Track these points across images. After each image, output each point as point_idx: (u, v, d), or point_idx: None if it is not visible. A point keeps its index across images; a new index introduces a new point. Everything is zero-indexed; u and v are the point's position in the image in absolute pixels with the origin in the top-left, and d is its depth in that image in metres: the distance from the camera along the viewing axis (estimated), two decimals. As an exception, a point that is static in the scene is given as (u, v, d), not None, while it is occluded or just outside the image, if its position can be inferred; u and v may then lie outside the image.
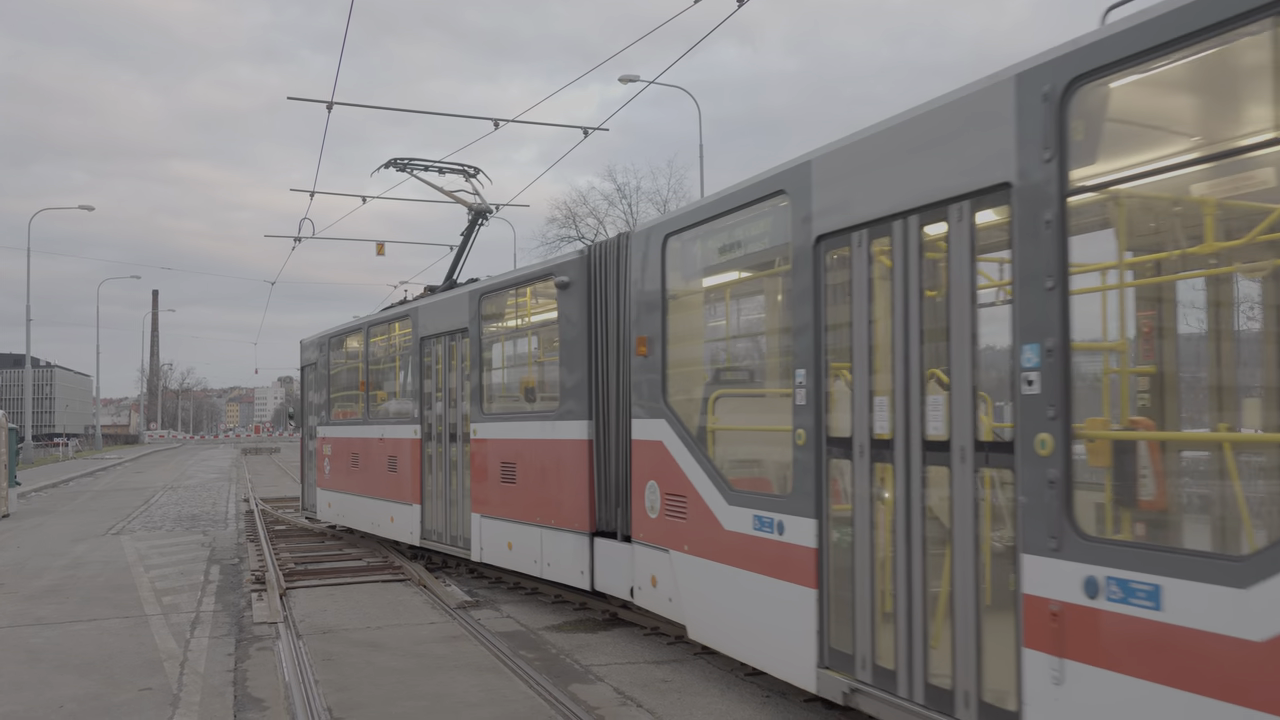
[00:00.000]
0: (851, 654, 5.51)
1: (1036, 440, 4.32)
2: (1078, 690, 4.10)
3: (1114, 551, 4.00)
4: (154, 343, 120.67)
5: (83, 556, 13.98)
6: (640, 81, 23.62)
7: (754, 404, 7.10)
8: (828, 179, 5.80)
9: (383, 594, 10.82)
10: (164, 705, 6.70)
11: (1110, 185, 4.43)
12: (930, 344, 5.05)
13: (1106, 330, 4.76)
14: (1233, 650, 3.51)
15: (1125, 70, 4.05)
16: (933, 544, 5.01)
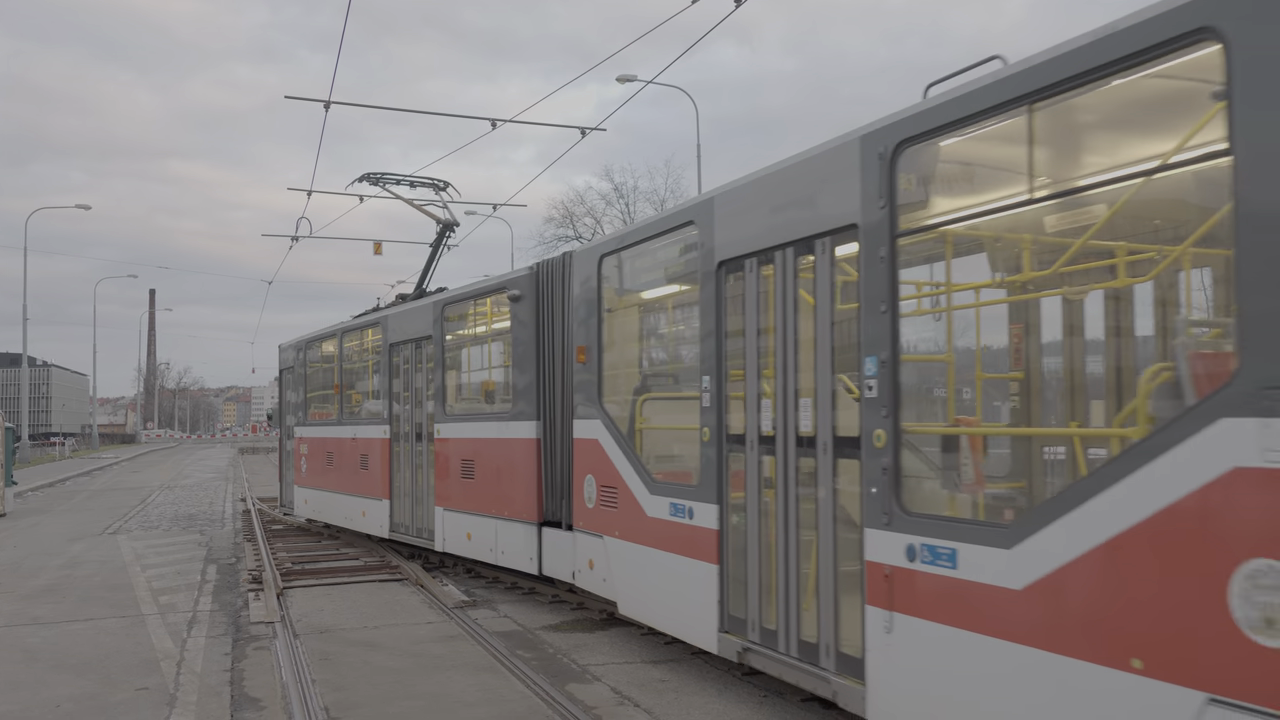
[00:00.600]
0: (744, 619, 6.43)
1: (874, 435, 5.22)
2: (901, 637, 5.03)
3: (926, 523, 4.91)
4: (151, 342, 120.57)
5: (79, 556, 14.01)
6: (638, 81, 23.73)
7: (674, 406, 7.92)
8: (727, 213, 6.70)
9: (380, 593, 10.85)
10: (161, 705, 6.72)
11: (929, 228, 5.35)
12: (803, 354, 5.94)
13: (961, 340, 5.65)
14: (1002, 597, 4.42)
15: (939, 136, 4.98)
16: (804, 523, 5.90)
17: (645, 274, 8.25)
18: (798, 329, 5.99)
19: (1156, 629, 3.79)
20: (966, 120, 4.78)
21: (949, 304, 5.72)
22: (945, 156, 5.25)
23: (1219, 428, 3.59)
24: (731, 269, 6.63)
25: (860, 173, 5.35)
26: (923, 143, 5.07)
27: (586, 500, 8.60)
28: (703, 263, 6.89)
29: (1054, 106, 4.42)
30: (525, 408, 9.86)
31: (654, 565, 7.43)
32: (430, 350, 12.03)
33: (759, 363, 6.35)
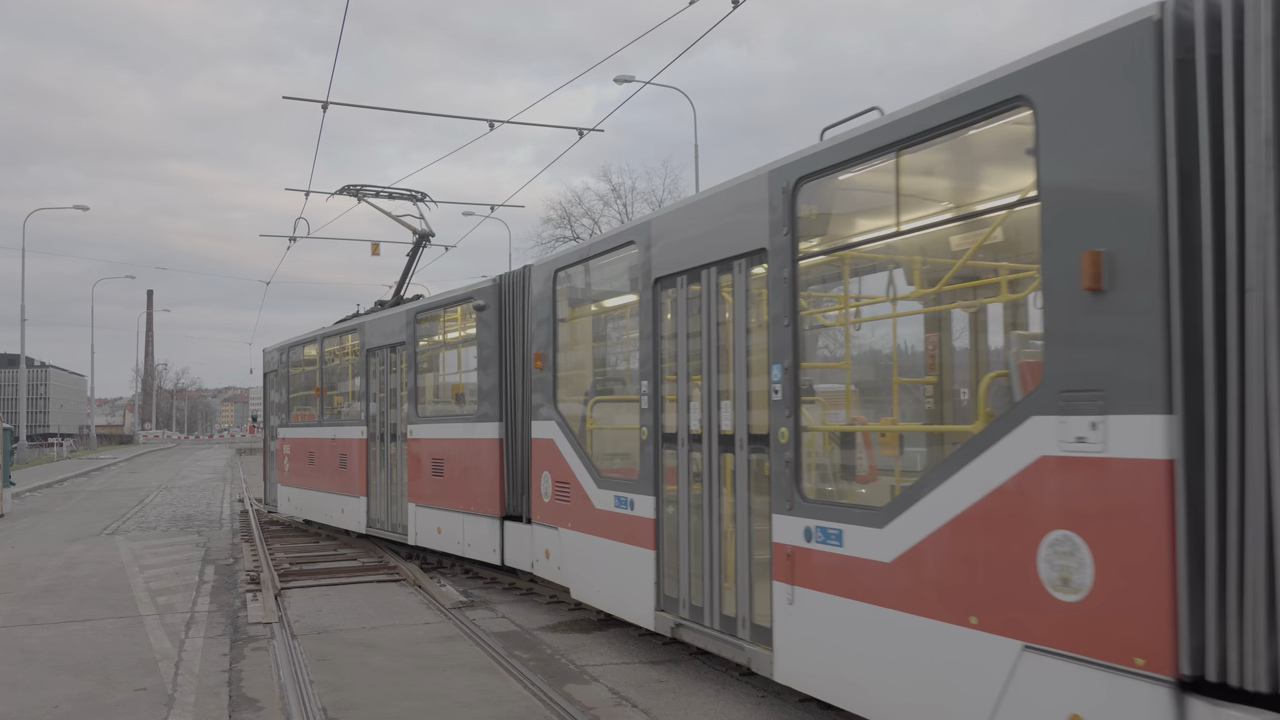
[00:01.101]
0: (677, 598, 7.22)
1: (779, 433, 5.99)
2: (801, 607, 5.82)
3: (820, 508, 5.69)
4: (149, 342, 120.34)
5: (77, 557, 14.07)
6: (636, 82, 23.83)
7: (619, 408, 8.72)
8: (662, 235, 7.48)
9: (378, 594, 10.92)
10: (159, 705, 6.75)
11: (823, 252, 6.19)
12: (723, 362, 6.72)
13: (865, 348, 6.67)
14: (875, 569, 5.23)
15: (831, 173, 5.76)
16: (726, 511, 6.68)
17: (594, 287, 9.10)
18: (719, 339, 6.77)
19: (987, 591, 4.58)
20: (851, 161, 5.59)
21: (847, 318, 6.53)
22: (836, 191, 6.05)
23: (1030, 424, 4.38)
24: (665, 285, 7.42)
25: (768, 203, 6.14)
26: (818, 179, 5.87)
27: (543, 495, 9.37)
28: (641, 279, 7.67)
29: (916, 153, 5.21)
30: (489, 410, 10.65)
31: (601, 553, 8.23)
32: (404, 355, 12.80)
33: (689, 369, 7.14)
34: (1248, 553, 3.60)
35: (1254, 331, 3.60)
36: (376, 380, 13.70)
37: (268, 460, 19.57)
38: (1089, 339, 4.15)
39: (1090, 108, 4.17)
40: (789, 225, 5.94)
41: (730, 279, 6.62)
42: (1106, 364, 4.08)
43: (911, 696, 5.00)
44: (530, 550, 9.75)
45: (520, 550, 10.06)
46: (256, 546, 14.46)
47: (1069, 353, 4.24)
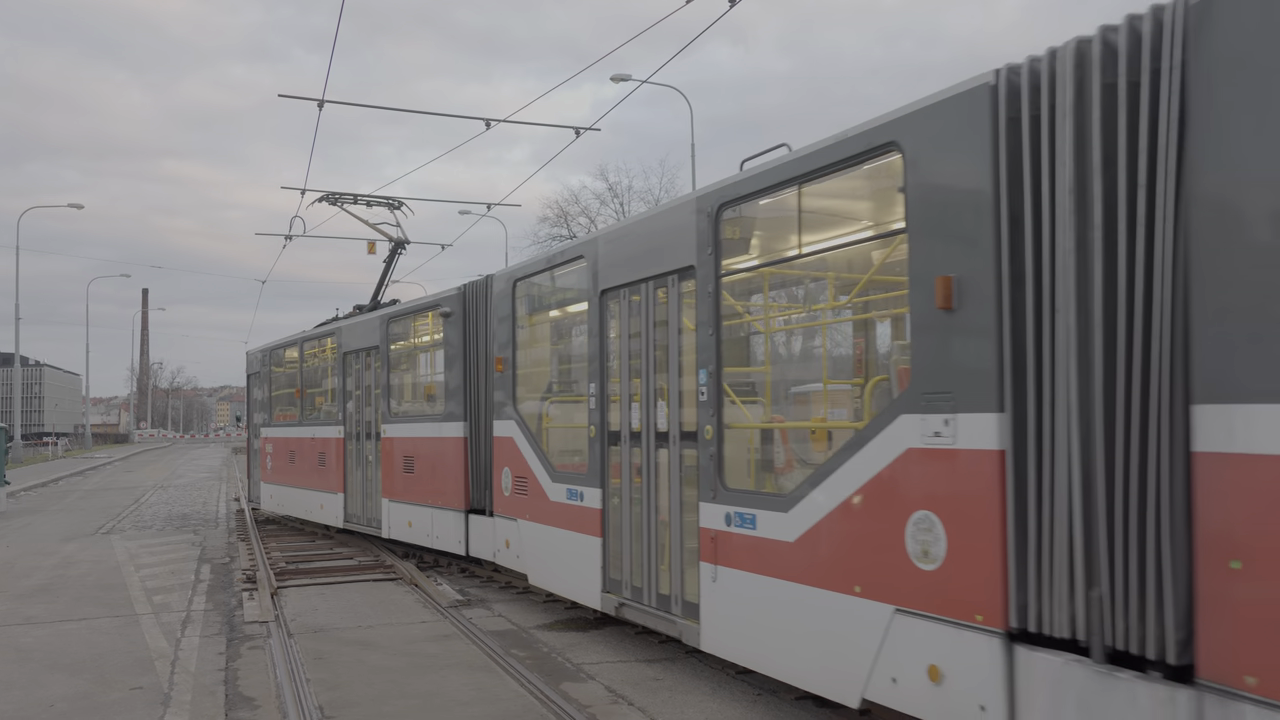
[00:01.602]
0: (620, 580, 8.00)
1: (705, 430, 6.79)
2: (722, 584, 6.61)
3: (738, 496, 6.49)
4: (144, 341, 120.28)
5: (72, 556, 14.06)
6: (633, 81, 24.00)
7: (571, 408, 9.46)
8: (608, 251, 8.26)
9: (374, 593, 10.95)
10: (155, 704, 6.75)
11: (742, 270, 6.98)
12: (659, 366, 7.50)
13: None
14: (782, 548, 6.02)
15: (747, 201, 6.56)
16: (661, 501, 7.46)
17: (549, 297, 9.86)
18: (656, 346, 7.56)
19: (867, 564, 5.38)
20: (763, 191, 6.38)
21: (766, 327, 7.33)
22: (752, 216, 6.83)
23: (900, 421, 5.18)
24: (610, 296, 8.20)
25: (695, 226, 6.93)
26: (737, 205, 6.67)
27: (504, 489, 10.14)
28: (590, 290, 8.45)
29: (813, 186, 6.01)
30: (455, 410, 11.41)
31: (555, 541, 9.00)
32: (377, 359, 13.57)
33: (630, 372, 7.91)
34: (1056, 528, 4.40)
35: (1060, 345, 4.40)
36: (352, 381, 14.45)
37: (251, 458, 20.26)
38: (943, 350, 4.95)
39: (943, 155, 4.97)
40: (713, 245, 6.75)
41: (665, 292, 7.41)
42: (956, 371, 4.88)
43: (810, 656, 5.80)
44: (492, 541, 10.52)
45: (483, 541, 10.83)
46: (252, 545, 14.56)
47: (929, 361, 5.04)
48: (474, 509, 11.18)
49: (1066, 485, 4.35)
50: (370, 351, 13.83)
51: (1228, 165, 3.75)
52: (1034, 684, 4.48)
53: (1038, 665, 4.46)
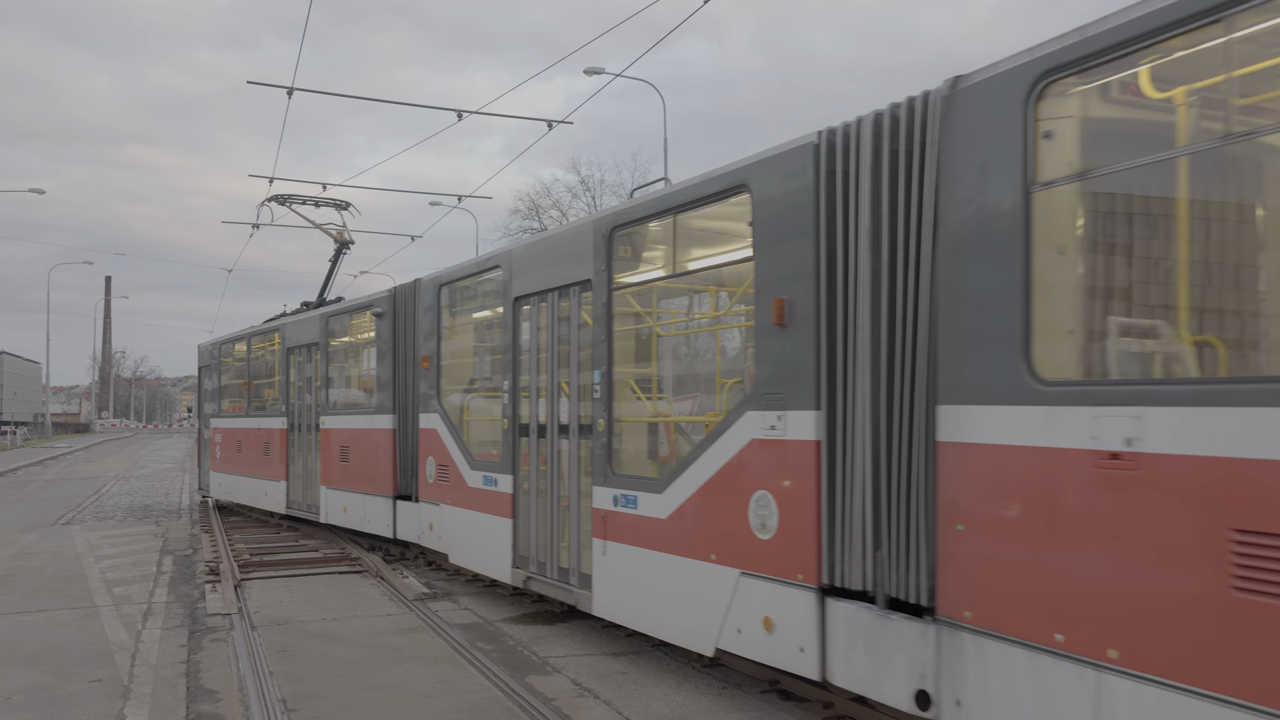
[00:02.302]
0: (528, 556, 9.02)
1: (598, 423, 7.81)
2: (610, 557, 7.65)
3: (623, 480, 7.54)
4: (107, 330, 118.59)
5: (31, 547, 13.87)
6: (606, 74, 24.36)
7: (488, 403, 10.39)
8: (521, 262, 9.26)
9: (339, 585, 10.90)
10: (114, 697, 6.68)
11: (631, 285, 7.98)
12: (562, 366, 8.51)
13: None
14: (657, 524, 7.08)
15: (635, 225, 7.60)
16: (561, 485, 8.45)
17: (471, 301, 10.84)
18: (559, 348, 8.57)
19: (721, 535, 6.45)
20: (647, 218, 7.45)
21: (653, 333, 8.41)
22: (639, 238, 7.89)
23: (747, 416, 6.26)
24: (522, 303, 9.19)
25: (593, 245, 7.96)
26: (626, 228, 7.72)
27: (429, 477, 11.10)
28: (505, 297, 9.43)
29: (685, 216, 7.10)
30: (385, 403, 12.33)
31: (473, 523, 9.98)
32: (317, 354, 14.46)
33: (538, 370, 8.90)
34: (854, 503, 5.50)
35: (859, 356, 5.49)
36: (296, 375, 15.32)
37: (201, 448, 21.00)
38: (778, 358, 6.04)
39: (780, 198, 6.06)
40: (606, 262, 7.78)
41: (568, 301, 8.43)
42: (787, 375, 5.97)
43: (678, 615, 6.88)
44: (418, 524, 11.48)
45: (410, 525, 11.78)
46: (216, 537, 14.57)
47: (768, 367, 6.13)
48: (402, 495, 12.10)
49: (861, 469, 5.45)
50: (311, 347, 14.71)
51: (956, 218, 4.87)
52: (837, 627, 5.59)
53: (840, 612, 5.57)
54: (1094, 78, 4.35)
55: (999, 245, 4.60)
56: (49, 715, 6.33)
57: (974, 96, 4.80)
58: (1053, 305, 4.50)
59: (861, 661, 5.42)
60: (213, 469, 19.55)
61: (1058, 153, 4.44)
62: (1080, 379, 4.44)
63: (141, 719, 6.29)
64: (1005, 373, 4.53)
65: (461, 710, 6.41)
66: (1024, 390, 4.43)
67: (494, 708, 6.45)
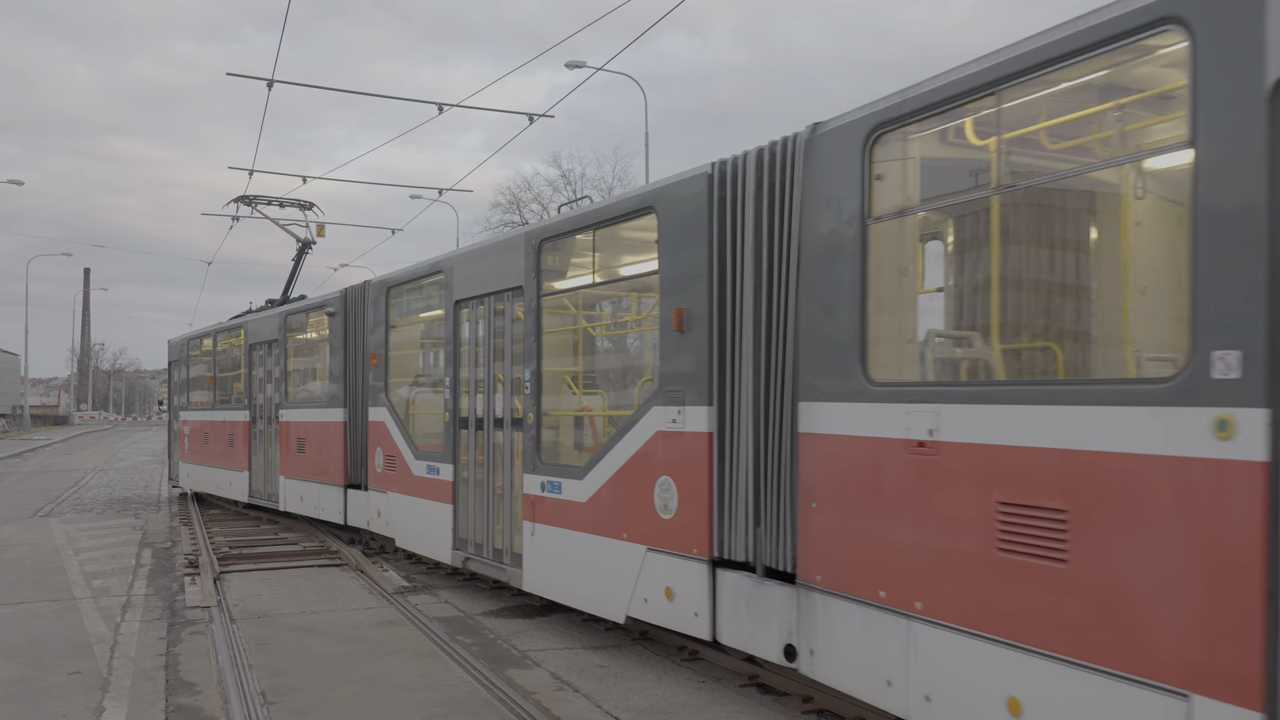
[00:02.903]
0: (467, 539, 9.83)
1: (529, 417, 8.63)
2: (538, 537, 8.46)
3: (550, 468, 8.36)
4: (85, 322, 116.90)
5: (9, 539, 13.84)
6: (588, 68, 24.33)
7: (432, 397, 11.19)
8: (461, 268, 10.05)
9: (319, 579, 10.89)
10: (93, 689, 6.69)
11: (557, 291, 8.80)
12: (497, 364, 9.31)
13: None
14: (578, 506, 7.90)
15: (562, 237, 8.43)
16: (496, 473, 9.24)
17: (416, 303, 11.61)
18: (495, 347, 9.37)
19: (631, 516, 7.31)
20: (570, 232, 8.27)
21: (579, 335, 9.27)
22: (565, 249, 8.72)
23: (653, 411, 7.11)
24: (462, 305, 9.99)
25: (524, 255, 8.77)
26: (553, 240, 8.54)
27: (377, 467, 11.89)
28: (446, 300, 10.23)
29: (603, 231, 7.93)
30: (337, 398, 13.08)
31: (417, 509, 10.78)
32: (277, 351, 15.20)
33: (477, 367, 9.69)
34: (738, 486, 6.35)
35: (744, 359, 6.35)
36: (258, 371, 16.09)
37: (172, 440, 21.68)
38: (679, 360, 6.89)
39: (681, 220, 6.90)
40: (535, 271, 8.60)
41: (502, 305, 9.23)
42: (686, 375, 6.82)
43: (596, 588, 7.72)
44: (367, 511, 12.26)
45: (359, 512, 12.55)
46: (195, 530, 14.60)
47: (670, 368, 6.98)
48: (352, 484, 12.87)
49: (744, 457, 6.31)
50: (272, 344, 15.46)
51: (812, 244, 5.74)
52: (724, 594, 6.46)
53: (727, 582, 6.44)
54: (911, 131, 5.23)
55: (843, 268, 5.48)
56: (28, 707, 6.35)
57: (826, 142, 5.67)
58: (882, 319, 5.38)
59: (744, 623, 6.29)
60: (182, 460, 20.25)
61: (887, 191, 5.32)
62: (899, 381, 5.32)
63: (120, 711, 6.30)
64: (847, 375, 5.41)
65: (441, 703, 6.41)
66: (860, 390, 5.32)
67: (473, 701, 6.46)
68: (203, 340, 19.49)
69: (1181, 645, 3.64)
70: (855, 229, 5.40)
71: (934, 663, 4.79)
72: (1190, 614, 3.61)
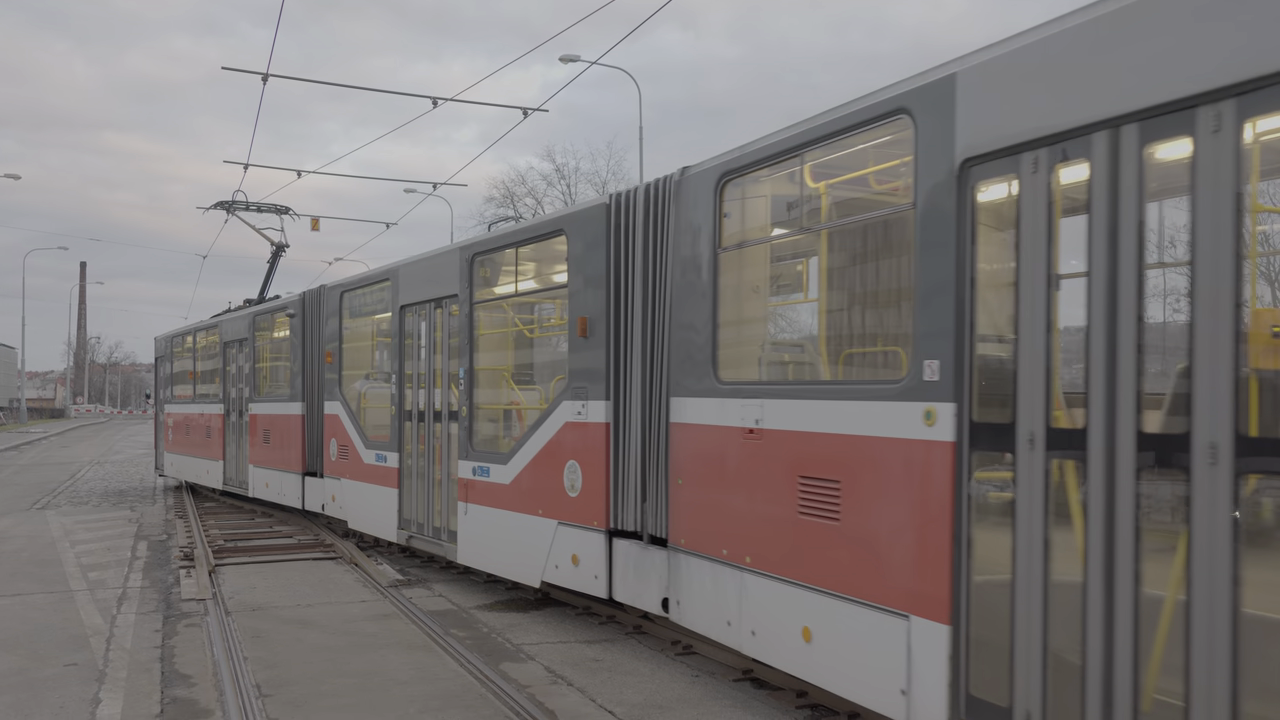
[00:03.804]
0: (410, 519, 11.02)
1: (462, 409, 9.81)
2: (471, 516, 9.59)
3: (481, 454, 9.49)
4: (82, 315, 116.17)
5: (6, 531, 13.98)
6: (582, 61, 24.47)
7: (380, 392, 12.36)
8: (407, 276, 11.21)
9: (313, 572, 10.98)
10: (90, 680, 6.73)
11: (487, 300, 9.95)
12: (438, 362, 10.42)
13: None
14: (503, 488, 9.06)
15: (491, 253, 9.58)
16: (436, 459, 10.38)
17: (366, 307, 12.78)
18: (434, 347, 10.52)
19: (545, 495, 8.49)
20: (498, 248, 9.44)
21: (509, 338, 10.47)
22: (492, 263, 9.86)
23: (562, 405, 8.30)
24: (407, 310, 11.15)
25: (459, 267, 9.92)
26: (483, 255, 9.69)
27: (331, 456, 13.05)
28: (394, 304, 11.39)
29: (525, 249, 9.11)
30: (297, 392, 14.23)
31: (367, 494, 11.95)
32: (247, 349, 16.38)
33: (420, 365, 10.84)
34: (629, 469, 7.55)
35: (633, 361, 7.54)
36: (232, 367, 17.28)
37: (158, 431, 22.88)
38: (583, 361, 8.08)
39: (586, 243, 8.09)
40: (469, 281, 9.76)
41: (441, 310, 10.39)
42: (588, 375, 8.00)
43: (517, 558, 8.90)
44: (322, 496, 13.43)
45: (316, 497, 13.72)
46: (190, 522, 14.74)
47: (577, 367, 8.17)
48: (310, 472, 14.02)
49: (634, 443, 7.51)
50: (243, 343, 16.66)
51: (680, 268, 6.95)
52: (619, 559, 7.66)
53: (620, 548, 7.64)
54: (748, 178, 6.45)
55: (700, 289, 6.69)
56: (26, 698, 6.42)
57: (691, 183, 6.88)
58: (729, 330, 6.61)
59: (633, 582, 7.50)
60: (166, 450, 21.53)
61: (732, 226, 6.54)
62: (739, 381, 6.53)
63: (116, 702, 6.35)
64: (704, 375, 6.63)
65: (435, 697, 6.44)
66: (712, 388, 6.54)
67: (467, 694, 6.48)
68: (185, 338, 20.74)
69: (905, 580, 4.87)
70: (709, 255, 6.61)
71: (758, 604, 6.02)
72: (909, 556, 4.85)
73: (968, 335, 4.58)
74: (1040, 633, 4.20)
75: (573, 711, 6.19)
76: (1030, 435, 4.26)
